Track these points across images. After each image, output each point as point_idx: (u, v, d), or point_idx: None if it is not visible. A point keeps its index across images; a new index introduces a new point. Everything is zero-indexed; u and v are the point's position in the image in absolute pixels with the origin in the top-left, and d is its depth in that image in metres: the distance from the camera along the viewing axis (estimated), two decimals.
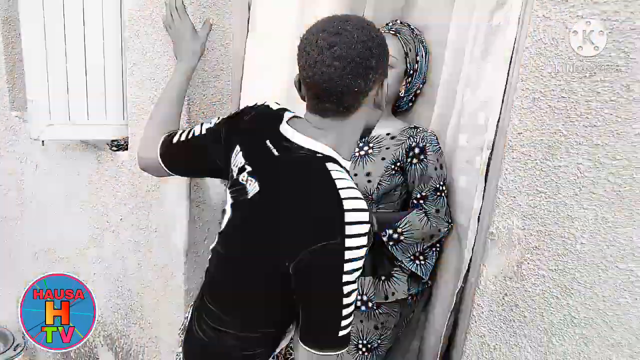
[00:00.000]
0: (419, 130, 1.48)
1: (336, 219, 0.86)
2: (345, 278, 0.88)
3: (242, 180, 1.02)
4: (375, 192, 1.45)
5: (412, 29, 1.53)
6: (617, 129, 0.96)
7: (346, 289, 0.89)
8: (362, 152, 1.50)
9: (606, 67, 0.95)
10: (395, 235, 1.43)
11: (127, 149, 1.81)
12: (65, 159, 2.02)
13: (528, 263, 1.13)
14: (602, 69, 0.95)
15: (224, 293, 1.09)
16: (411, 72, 1.51)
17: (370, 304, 1.50)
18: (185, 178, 1.62)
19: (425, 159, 1.44)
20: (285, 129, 1.00)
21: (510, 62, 1.17)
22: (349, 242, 0.86)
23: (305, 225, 0.90)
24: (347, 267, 0.87)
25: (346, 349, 0.95)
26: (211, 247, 1.14)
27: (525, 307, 1.16)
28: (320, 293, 0.92)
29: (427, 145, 1.44)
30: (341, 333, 0.92)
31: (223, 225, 1.08)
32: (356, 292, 0.92)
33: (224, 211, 1.10)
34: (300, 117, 1.04)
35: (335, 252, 0.86)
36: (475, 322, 1.24)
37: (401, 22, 1.55)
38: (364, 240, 0.88)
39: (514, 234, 1.13)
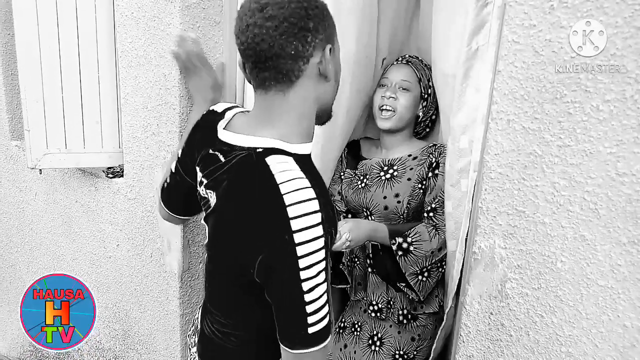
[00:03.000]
0: (437, 146, 1.53)
1: (279, 216, 0.83)
2: (304, 275, 0.84)
3: (203, 193, 1.02)
4: (406, 211, 1.51)
5: (420, 60, 1.62)
6: (589, 148, 0.98)
7: (306, 285, 0.85)
8: (388, 175, 1.55)
9: (575, 88, 0.97)
10: (405, 245, 1.45)
11: (122, 176, 1.84)
12: (63, 187, 2.06)
13: (512, 282, 1.14)
14: (572, 91, 0.98)
15: (216, 301, 1.09)
16: (425, 95, 1.58)
17: (409, 316, 1.56)
18: None
19: (439, 172, 1.49)
20: (222, 132, 0.98)
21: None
22: (298, 238, 0.82)
23: (254, 230, 0.87)
24: (303, 263, 0.83)
25: (324, 344, 0.90)
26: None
27: (511, 326, 1.16)
28: (280, 293, 0.88)
29: (441, 158, 1.50)
30: (311, 330, 0.88)
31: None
32: (325, 284, 0.88)
33: None
34: (245, 113, 1.02)
35: (286, 250, 0.83)
36: (464, 342, 1.24)
37: (410, 56, 1.64)
38: (317, 231, 0.84)
39: (496, 253, 1.14)
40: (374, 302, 1.60)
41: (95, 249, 2.02)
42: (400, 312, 1.56)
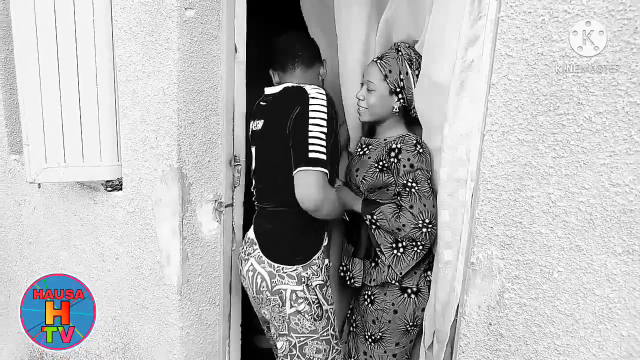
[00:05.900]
0: (405, 135, 1.62)
1: (303, 96, 1.48)
2: (310, 122, 1.44)
3: (254, 127, 1.67)
4: (361, 185, 1.68)
5: (398, 50, 1.65)
6: (583, 159, 0.99)
7: (310, 128, 1.43)
8: (361, 152, 1.72)
9: (568, 101, 0.99)
10: (373, 220, 1.63)
11: (121, 189, 1.85)
12: (61, 200, 2.07)
13: (509, 292, 1.15)
14: (565, 103, 0.99)
15: (271, 195, 1.62)
16: (398, 89, 1.63)
17: (369, 295, 1.72)
18: (178, 216, 1.66)
19: (400, 158, 1.57)
20: (266, 89, 1.65)
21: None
22: (311, 107, 1.45)
23: (291, 108, 1.48)
24: (311, 116, 1.44)
25: (320, 168, 1.41)
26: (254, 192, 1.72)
27: (509, 336, 1.17)
28: (297, 130, 1.46)
29: (403, 146, 1.58)
30: (310, 155, 1.41)
31: (253, 167, 1.70)
32: (323, 142, 1.43)
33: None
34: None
35: (304, 109, 1.46)
36: (463, 352, 1.25)
37: (395, 44, 1.69)
38: (321, 107, 1.46)
39: (494, 263, 1.15)
40: (343, 264, 1.81)
41: (95, 263, 2.02)
42: (352, 276, 1.73)
